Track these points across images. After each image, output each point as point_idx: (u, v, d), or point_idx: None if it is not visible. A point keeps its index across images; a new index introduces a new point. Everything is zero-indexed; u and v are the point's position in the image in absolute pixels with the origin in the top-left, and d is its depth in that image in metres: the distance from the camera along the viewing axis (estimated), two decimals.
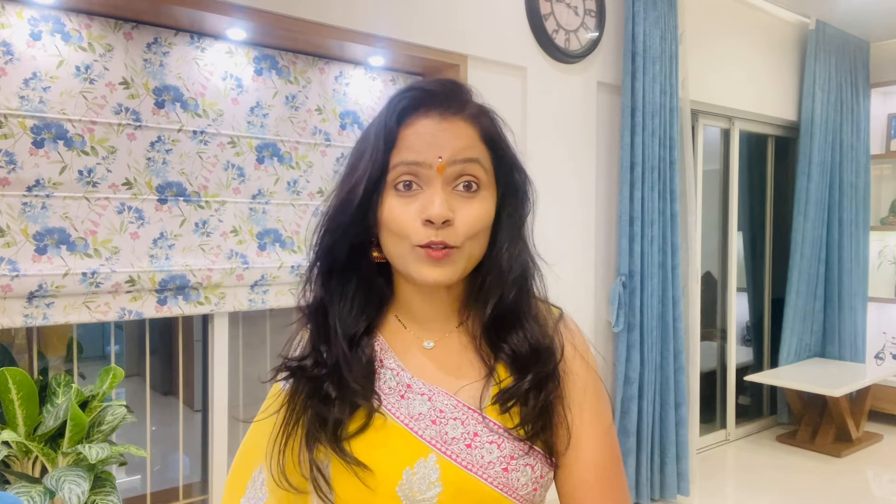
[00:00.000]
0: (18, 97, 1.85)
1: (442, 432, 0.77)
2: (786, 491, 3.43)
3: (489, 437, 0.77)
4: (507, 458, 0.76)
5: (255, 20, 2.09)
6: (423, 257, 0.75)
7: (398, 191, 0.76)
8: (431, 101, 0.78)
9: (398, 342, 0.84)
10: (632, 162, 3.08)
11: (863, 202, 4.51)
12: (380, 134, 0.77)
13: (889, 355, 4.75)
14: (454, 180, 0.76)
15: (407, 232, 0.75)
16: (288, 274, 2.32)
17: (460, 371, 0.81)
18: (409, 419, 0.78)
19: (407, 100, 0.78)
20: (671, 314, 3.25)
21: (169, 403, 2.55)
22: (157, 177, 2.07)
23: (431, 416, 0.78)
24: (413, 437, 0.77)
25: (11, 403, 1.71)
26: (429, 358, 0.82)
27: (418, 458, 0.75)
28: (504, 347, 0.80)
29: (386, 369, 0.82)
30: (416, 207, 0.75)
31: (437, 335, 0.83)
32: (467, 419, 0.77)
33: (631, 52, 3.07)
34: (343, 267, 0.82)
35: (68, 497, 1.58)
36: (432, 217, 0.73)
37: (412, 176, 0.76)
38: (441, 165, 0.75)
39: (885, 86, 4.67)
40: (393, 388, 0.80)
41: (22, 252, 1.85)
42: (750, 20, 3.98)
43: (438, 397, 0.79)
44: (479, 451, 0.76)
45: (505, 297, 0.80)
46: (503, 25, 2.72)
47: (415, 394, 0.79)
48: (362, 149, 0.79)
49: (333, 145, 2.45)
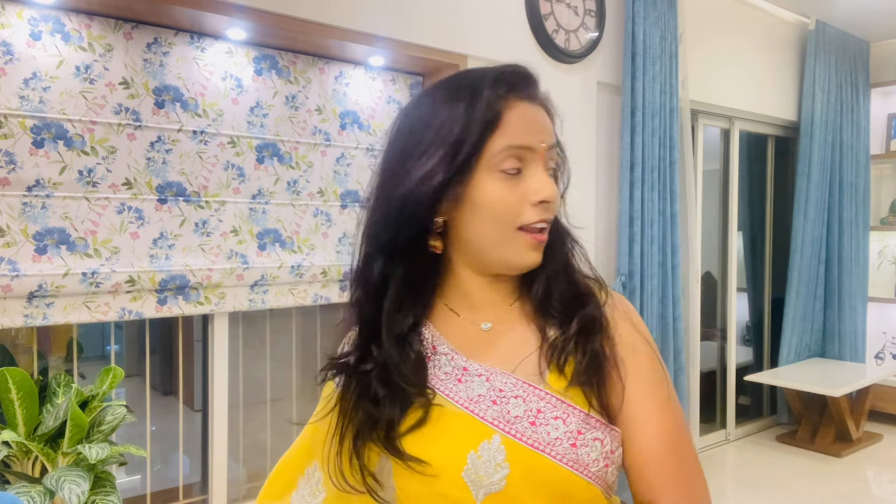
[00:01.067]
0: (18, 97, 1.85)
1: (504, 412, 0.75)
2: (786, 491, 3.43)
3: (553, 413, 0.74)
4: (573, 432, 0.73)
5: (255, 20, 2.09)
6: (528, 242, 0.77)
7: (507, 174, 0.76)
8: (522, 84, 0.78)
9: (450, 329, 0.82)
10: (632, 162, 3.08)
11: (863, 202, 4.51)
12: (481, 116, 0.74)
13: (889, 355, 4.75)
14: (547, 162, 0.78)
15: (513, 214, 0.75)
16: (288, 274, 2.32)
17: (516, 348, 0.80)
18: (468, 402, 0.76)
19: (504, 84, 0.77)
20: (671, 314, 3.25)
21: (169, 403, 2.55)
22: (157, 177, 2.07)
23: (491, 397, 0.76)
24: (475, 420, 0.75)
25: (11, 403, 1.71)
26: (484, 340, 0.81)
27: (482, 441, 0.73)
28: (550, 310, 0.81)
29: (440, 355, 0.81)
30: (521, 189, 0.76)
31: (493, 316, 0.82)
32: (528, 396, 0.76)
33: (631, 52, 3.07)
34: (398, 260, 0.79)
35: (68, 497, 1.58)
36: (549, 197, 0.76)
37: (517, 159, 0.76)
38: (544, 149, 0.77)
39: (885, 86, 4.67)
40: (449, 373, 0.79)
41: (22, 252, 1.85)
42: (750, 20, 3.98)
43: (496, 377, 0.77)
44: (544, 427, 0.74)
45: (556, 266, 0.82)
46: (503, 25, 2.72)
47: (472, 376, 0.78)
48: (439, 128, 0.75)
49: (333, 145, 2.45)
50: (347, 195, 2.49)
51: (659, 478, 0.76)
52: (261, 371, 2.48)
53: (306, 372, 2.60)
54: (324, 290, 2.42)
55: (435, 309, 0.84)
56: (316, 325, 2.62)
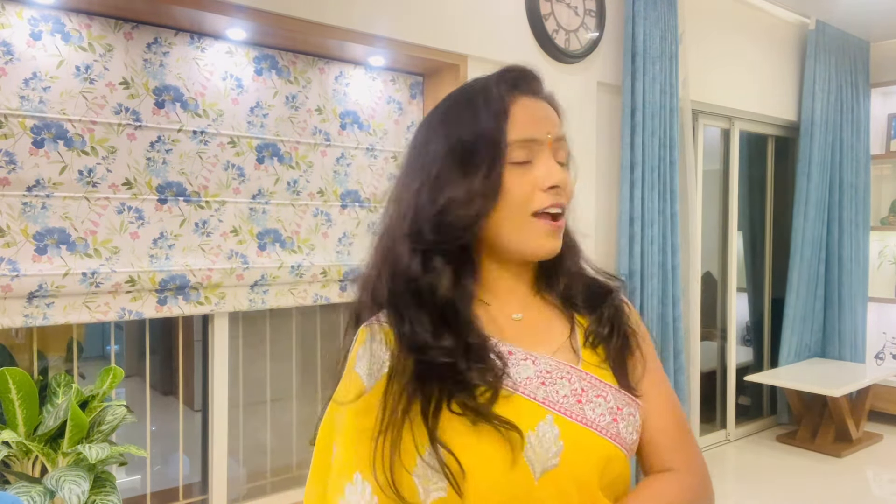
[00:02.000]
0: (18, 97, 1.85)
1: (552, 392, 0.80)
2: (786, 491, 3.43)
3: (595, 392, 0.81)
4: (614, 409, 0.81)
5: (255, 20, 2.09)
6: (544, 229, 0.82)
7: (519, 165, 0.82)
8: (525, 81, 0.86)
9: (487, 318, 0.85)
10: (632, 162, 3.08)
11: (863, 202, 4.51)
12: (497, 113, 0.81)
13: (889, 355, 4.75)
14: (555, 153, 0.84)
15: (527, 200, 0.81)
16: (288, 274, 2.32)
17: (550, 334, 0.86)
18: (518, 385, 0.79)
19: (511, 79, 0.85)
20: (671, 314, 3.25)
21: (169, 403, 2.55)
22: (157, 177, 2.07)
23: (540, 379, 0.80)
24: (528, 401, 0.78)
25: (11, 403, 1.71)
26: (519, 328, 0.86)
27: (539, 421, 0.77)
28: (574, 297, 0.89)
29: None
30: (532, 177, 0.82)
31: (521, 306, 0.88)
32: (572, 377, 0.81)
33: (631, 52, 3.07)
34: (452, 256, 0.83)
35: (68, 497, 1.58)
36: (559, 182, 0.81)
37: (526, 150, 0.82)
38: (551, 141, 0.84)
39: (885, 86, 4.67)
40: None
41: (22, 252, 1.85)
42: (750, 20, 3.98)
43: (541, 360, 0.82)
44: (589, 405, 0.80)
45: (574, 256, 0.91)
46: (503, 25, 2.72)
47: (518, 360, 0.82)
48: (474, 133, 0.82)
49: (333, 145, 2.45)
50: (347, 195, 2.49)
51: (671, 448, 0.86)
52: (261, 371, 2.48)
53: (306, 372, 2.60)
54: (324, 290, 2.42)
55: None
56: (316, 325, 2.62)
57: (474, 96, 0.84)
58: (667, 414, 0.87)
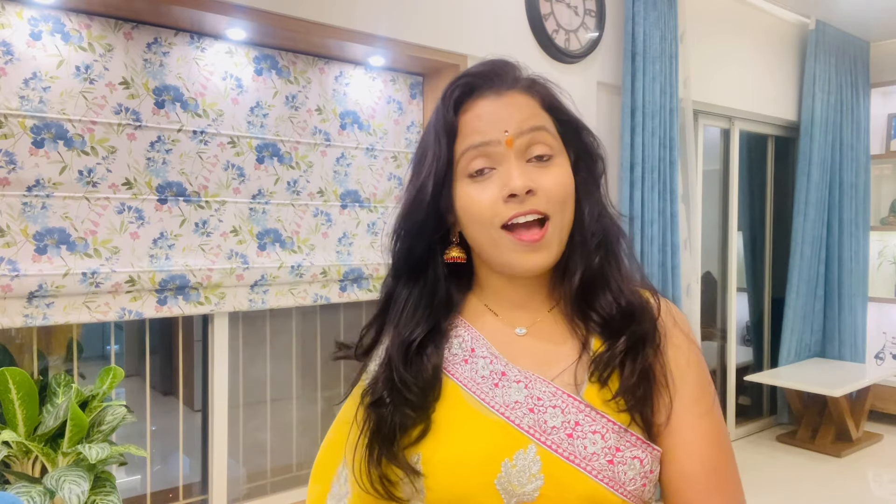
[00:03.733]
0: (18, 97, 1.85)
1: (541, 421, 0.72)
2: (786, 491, 3.43)
3: (592, 427, 0.72)
4: (612, 449, 0.71)
5: (255, 20, 2.09)
6: (516, 244, 0.73)
7: (472, 177, 0.75)
8: (483, 82, 0.76)
9: (489, 329, 0.80)
10: (632, 162, 3.08)
11: (863, 202, 4.51)
12: (440, 127, 0.76)
13: (889, 355, 4.75)
14: (525, 152, 0.74)
15: (488, 215, 0.73)
16: (288, 274, 2.32)
17: (556, 356, 0.77)
18: (504, 408, 0.74)
19: (459, 87, 0.76)
20: None
21: (169, 403, 2.55)
22: (157, 177, 2.07)
23: (529, 405, 0.74)
24: (511, 427, 0.72)
25: (11, 403, 1.71)
26: (522, 345, 0.79)
27: (517, 450, 0.71)
28: (593, 315, 0.77)
29: (478, 358, 0.78)
30: (494, 188, 0.73)
31: (529, 321, 0.80)
32: (567, 407, 0.73)
33: (631, 52, 3.07)
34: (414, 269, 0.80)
35: (68, 497, 1.58)
36: (515, 189, 0.71)
37: (483, 158, 0.74)
38: (509, 139, 0.73)
39: (885, 86, 4.67)
40: (486, 377, 0.77)
41: (22, 252, 1.85)
42: (750, 20, 3.98)
43: (535, 384, 0.75)
44: (581, 441, 0.71)
45: (591, 264, 0.77)
46: (503, 25, 2.72)
47: (510, 381, 0.75)
48: (424, 146, 0.78)
49: (333, 145, 2.45)
50: (347, 195, 2.49)
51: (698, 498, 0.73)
52: (261, 371, 2.48)
53: (306, 372, 2.60)
54: (324, 290, 2.42)
55: (474, 308, 0.83)
56: (316, 325, 2.62)
57: (433, 112, 0.79)
58: (699, 457, 0.73)
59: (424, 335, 0.78)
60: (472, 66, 0.80)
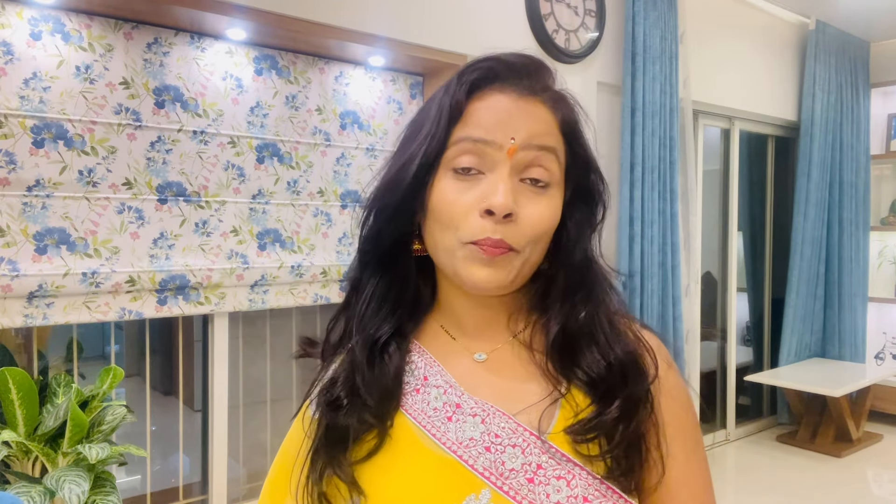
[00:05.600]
0: (18, 97, 1.85)
1: (497, 462, 0.63)
2: (786, 491, 3.43)
3: (556, 472, 0.62)
4: (578, 498, 0.61)
5: (255, 20, 2.09)
6: (474, 254, 0.63)
7: (456, 172, 0.65)
8: (510, 74, 0.66)
9: (444, 354, 0.71)
10: (632, 162, 3.08)
11: (863, 202, 4.51)
12: (444, 105, 0.65)
13: (889, 355, 4.75)
14: (523, 170, 0.64)
15: (458, 223, 0.64)
16: (288, 274, 2.32)
17: (520, 390, 0.68)
18: (457, 446, 0.65)
19: (481, 70, 0.66)
20: (671, 314, 3.25)
21: (169, 403, 2.55)
22: (157, 177, 2.07)
23: (485, 443, 0.64)
24: (462, 468, 0.63)
25: (11, 403, 1.71)
26: (481, 373, 0.69)
27: (468, 494, 0.62)
28: (577, 371, 0.66)
29: (431, 387, 0.69)
30: (475, 195, 0.63)
31: (490, 347, 0.71)
32: (528, 447, 0.64)
33: (631, 52, 3.07)
34: (383, 257, 0.71)
35: (68, 497, 1.58)
36: (495, 207, 0.62)
37: (475, 156, 0.64)
38: (513, 148, 0.63)
39: (885, 86, 4.67)
40: (439, 409, 0.67)
41: (22, 252, 1.85)
42: (750, 20, 3.98)
43: (494, 419, 0.65)
44: (543, 487, 0.62)
45: (576, 314, 0.68)
46: (503, 25, 2.72)
47: (465, 415, 0.66)
48: (421, 121, 0.68)
49: (333, 145, 2.45)
50: (347, 195, 2.49)
51: None
52: (261, 371, 2.48)
53: (306, 372, 2.60)
54: (324, 290, 2.42)
55: (429, 330, 0.74)
56: (316, 325, 2.62)
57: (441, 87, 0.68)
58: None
59: (389, 335, 0.71)
60: (503, 53, 0.68)
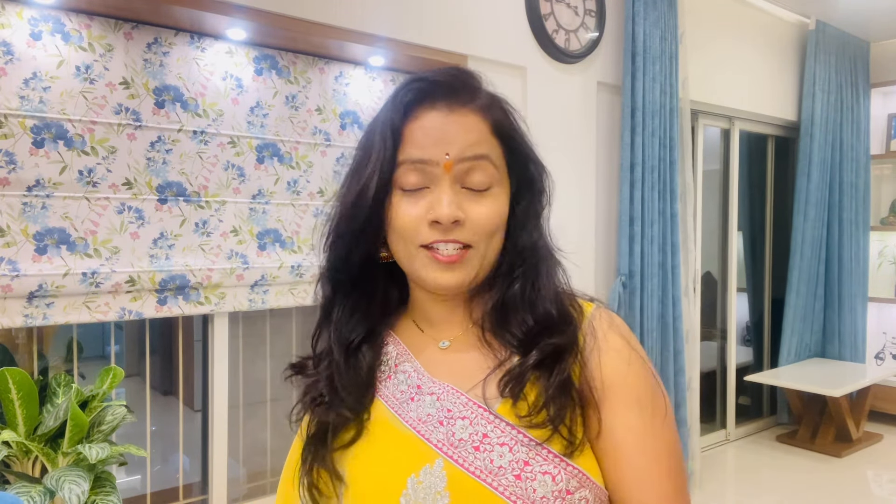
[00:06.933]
0: (18, 97, 1.85)
1: (449, 434, 0.70)
2: (786, 491, 3.43)
3: (500, 439, 0.68)
4: (519, 462, 0.67)
5: (255, 20, 2.09)
6: (432, 261, 0.71)
7: (404, 191, 0.72)
8: (438, 91, 0.72)
9: (415, 345, 0.80)
10: (632, 162, 3.08)
11: (863, 202, 4.51)
12: (386, 131, 0.72)
13: (889, 355, 4.75)
14: (463, 177, 0.71)
15: (411, 233, 0.71)
16: (288, 274, 2.32)
17: (473, 370, 0.74)
18: (416, 422, 0.72)
19: (412, 92, 0.73)
20: (671, 314, 3.25)
21: (169, 403, 2.55)
22: (157, 177, 2.07)
23: (439, 417, 0.71)
24: (420, 441, 0.70)
25: (11, 403, 1.71)
26: (443, 358, 0.77)
27: (424, 465, 0.69)
28: (508, 337, 0.73)
29: (400, 373, 0.78)
30: (423, 207, 0.71)
31: (452, 335, 0.78)
32: (476, 418, 0.70)
33: (631, 52, 3.07)
34: (352, 274, 0.79)
35: (68, 497, 1.58)
36: (440, 217, 0.69)
37: (419, 174, 0.71)
38: (448, 163, 0.70)
39: (885, 86, 4.67)
40: (405, 391, 0.76)
41: (22, 252, 1.85)
42: (750, 20, 3.98)
43: (447, 395, 0.73)
44: (487, 454, 0.68)
45: (512, 287, 0.74)
46: (503, 25, 2.72)
47: (423, 394, 0.74)
48: (368, 146, 0.74)
49: (333, 145, 2.45)
50: None
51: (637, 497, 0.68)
52: (261, 371, 2.48)
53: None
54: None
55: (403, 324, 0.82)
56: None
57: (380, 110, 0.75)
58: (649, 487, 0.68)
59: (362, 337, 0.79)
60: (430, 71, 0.75)
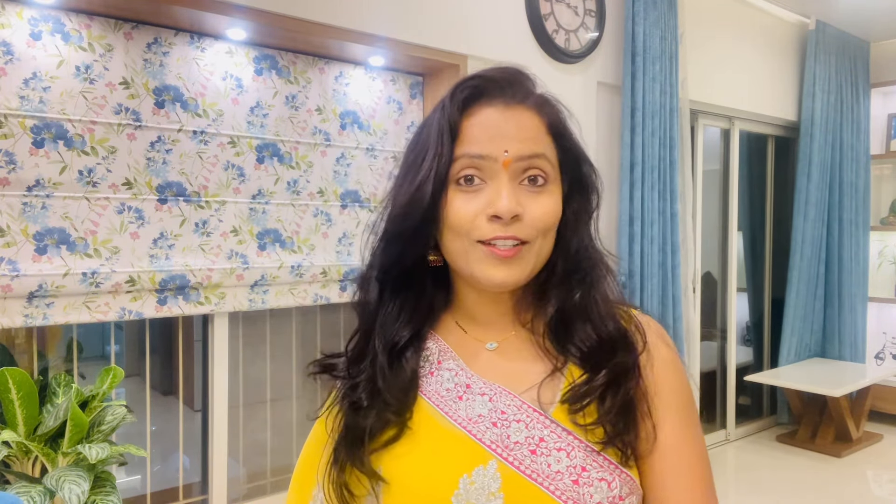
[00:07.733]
0: (18, 97, 1.85)
1: (504, 436, 0.70)
2: (786, 491, 3.43)
3: (557, 444, 0.68)
4: (577, 468, 0.67)
5: (255, 20, 2.09)
6: (488, 256, 0.70)
7: (459, 185, 0.72)
8: (494, 89, 0.73)
9: (459, 345, 0.79)
10: (632, 162, 3.08)
11: (863, 202, 4.51)
12: (443, 127, 0.72)
13: (889, 355, 4.75)
14: (521, 174, 0.71)
15: (467, 227, 0.71)
16: (288, 274, 2.32)
17: (526, 372, 0.74)
18: (467, 422, 0.71)
19: (468, 89, 0.73)
20: (671, 314, 3.25)
21: (169, 403, 2.55)
22: (157, 177, 2.07)
23: (492, 418, 0.71)
24: (472, 441, 0.70)
25: (11, 403, 1.71)
26: (492, 359, 0.77)
27: (477, 465, 0.68)
28: (570, 348, 0.73)
29: (444, 370, 0.77)
30: (480, 202, 0.71)
31: (500, 336, 0.78)
32: (532, 422, 0.70)
33: (631, 52, 3.07)
34: (403, 275, 0.77)
35: (68, 497, 1.58)
36: (500, 212, 0.69)
37: (475, 170, 0.71)
38: (507, 160, 0.70)
39: (885, 86, 4.67)
40: (451, 389, 0.75)
41: (22, 252, 1.85)
42: (750, 20, 3.98)
43: (500, 397, 0.72)
44: (544, 458, 0.68)
45: (572, 296, 0.75)
46: (503, 25, 2.72)
47: (474, 394, 0.74)
48: (424, 144, 0.74)
49: (333, 145, 2.45)
50: (347, 195, 2.49)
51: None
52: (261, 371, 2.48)
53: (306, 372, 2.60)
54: (324, 290, 2.42)
55: (444, 324, 0.81)
56: (316, 325, 2.62)
57: (434, 110, 0.75)
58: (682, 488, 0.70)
59: (407, 339, 0.77)
60: (485, 69, 0.76)
